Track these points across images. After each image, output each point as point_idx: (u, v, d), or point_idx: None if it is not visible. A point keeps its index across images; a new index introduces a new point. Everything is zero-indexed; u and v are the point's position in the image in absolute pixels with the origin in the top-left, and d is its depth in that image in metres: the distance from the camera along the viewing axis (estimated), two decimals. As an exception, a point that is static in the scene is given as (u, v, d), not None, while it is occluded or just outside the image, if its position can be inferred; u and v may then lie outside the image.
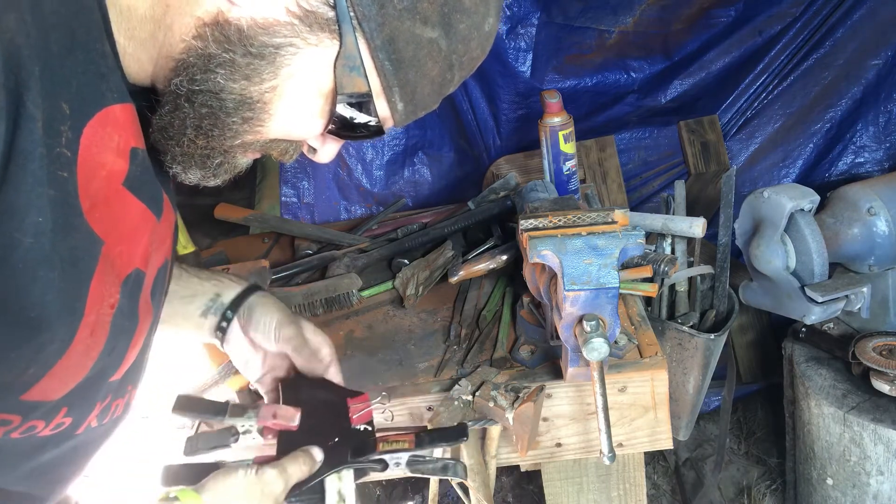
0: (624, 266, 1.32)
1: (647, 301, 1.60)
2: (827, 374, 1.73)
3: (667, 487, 2.23)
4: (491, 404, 1.08)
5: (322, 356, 1.01)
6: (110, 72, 0.66)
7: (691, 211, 1.62)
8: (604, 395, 1.00)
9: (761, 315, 2.22)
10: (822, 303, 1.54)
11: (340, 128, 0.74)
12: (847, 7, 2.12)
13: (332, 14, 0.65)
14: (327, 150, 0.81)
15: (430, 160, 2.12)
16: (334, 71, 0.68)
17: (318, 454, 0.88)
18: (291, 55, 0.67)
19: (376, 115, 0.73)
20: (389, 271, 1.58)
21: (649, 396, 1.14)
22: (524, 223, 1.07)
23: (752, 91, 2.23)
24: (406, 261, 1.55)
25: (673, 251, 1.55)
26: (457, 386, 1.14)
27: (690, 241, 1.59)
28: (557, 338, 1.06)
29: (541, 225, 1.06)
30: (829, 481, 1.73)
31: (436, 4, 0.66)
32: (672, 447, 1.26)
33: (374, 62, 0.68)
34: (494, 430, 1.14)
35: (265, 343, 1.00)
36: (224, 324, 0.99)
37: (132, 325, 0.75)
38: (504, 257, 1.40)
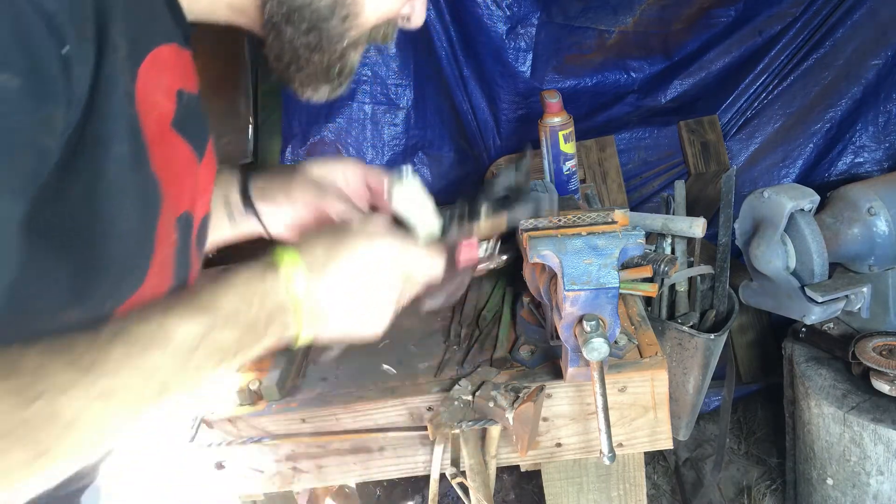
0: (624, 266, 1.32)
1: (647, 301, 1.60)
2: (827, 374, 1.73)
3: (667, 487, 2.23)
4: (491, 404, 1.08)
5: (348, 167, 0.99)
6: (161, 13, 0.67)
7: (691, 211, 1.62)
8: (604, 395, 1.00)
9: (761, 315, 2.22)
10: (822, 303, 1.54)
11: None
12: (847, 7, 2.12)
13: None
14: (419, 11, 0.83)
15: (430, 160, 2.13)
16: None
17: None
18: None
19: None
20: (389, 271, 1.58)
21: (649, 396, 1.14)
22: (524, 223, 1.07)
23: (752, 91, 2.23)
24: (406, 261, 1.54)
25: (673, 251, 1.55)
26: (457, 386, 1.14)
27: (690, 241, 1.59)
28: (557, 338, 1.06)
29: (541, 225, 1.06)
30: (829, 481, 1.74)
31: None
32: (672, 447, 1.25)
33: None
34: (494, 430, 1.14)
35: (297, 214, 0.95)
36: (253, 219, 0.95)
37: (187, 270, 0.75)
38: (504, 257, 1.40)
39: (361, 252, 0.71)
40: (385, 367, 1.00)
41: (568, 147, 1.57)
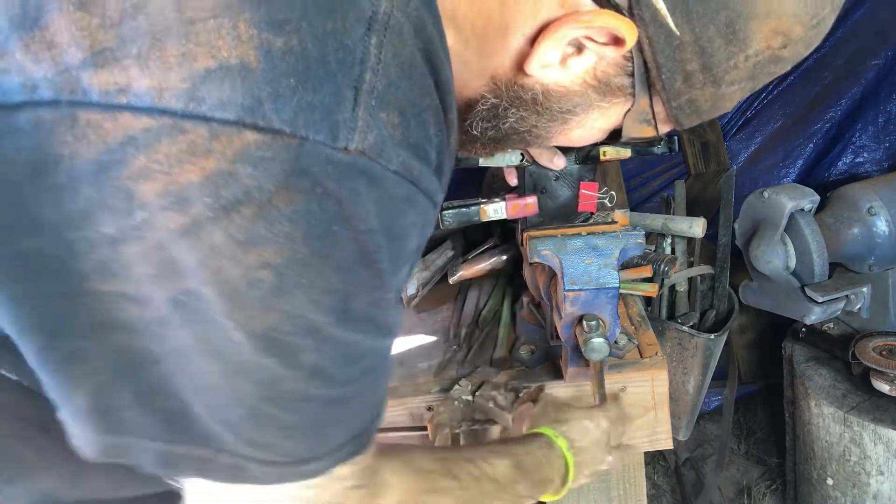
0: (624, 266, 1.32)
1: (647, 301, 1.60)
2: (827, 374, 1.73)
3: (667, 487, 2.23)
4: (491, 404, 1.08)
5: None
6: None
7: (691, 211, 1.62)
8: (602, 396, 1.00)
9: (761, 315, 2.22)
10: (822, 303, 1.54)
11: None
12: (847, 7, 2.11)
13: (628, 81, 0.62)
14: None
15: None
16: (623, 119, 0.67)
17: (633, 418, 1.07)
18: (582, 112, 0.66)
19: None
20: (389, 271, 1.58)
21: (649, 396, 1.14)
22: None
23: (752, 91, 2.23)
24: (406, 261, 1.54)
25: (673, 251, 1.55)
26: (457, 386, 1.14)
27: (690, 241, 1.59)
28: (557, 338, 1.06)
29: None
30: (829, 481, 1.73)
31: (749, 65, 0.61)
32: (672, 447, 1.25)
33: (668, 115, 0.65)
34: (494, 430, 1.14)
35: None
36: None
37: None
38: (504, 257, 1.40)
39: (596, 435, 0.94)
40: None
41: (568, 147, 1.57)
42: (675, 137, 1.05)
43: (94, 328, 0.49)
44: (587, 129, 0.69)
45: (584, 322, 0.95)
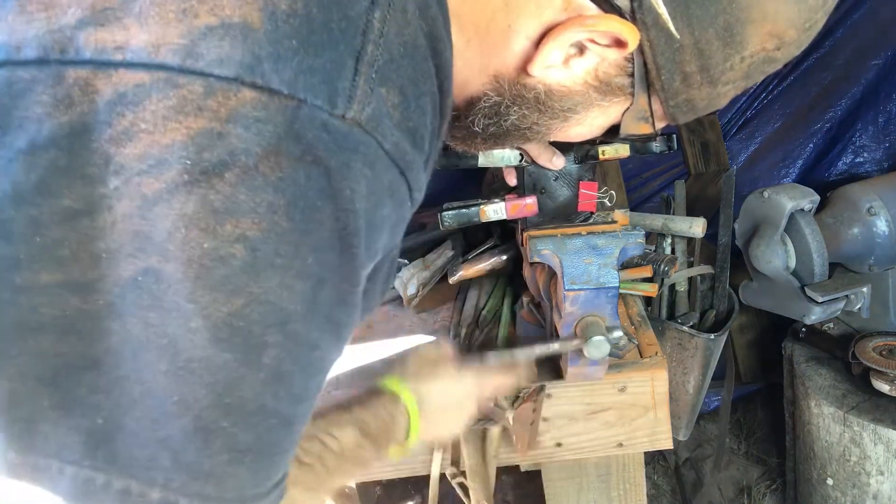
0: (624, 266, 1.32)
1: (647, 301, 1.60)
2: (827, 374, 1.73)
3: (667, 487, 2.23)
4: (491, 404, 1.08)
5: None
6: None
7: (691, 211, 1.62)
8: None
9: (761, 315, 2.22)
10: (822, 303, 1.54)
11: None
12: (847, 7, 2.12)
13: (628, 81, 0.63)
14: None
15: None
16: (622, 116, 0.68)
17: (523, 366, 1.00)
18: (582, 110, 0.67)
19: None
20: (389, 271, 1.58)
21: (649, 396, 1.14)
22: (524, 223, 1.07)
23: (751, 91, 2.23)
24: (406, 261, 1.55)
25: (673, 251, 1.55)
26: (457, 386, 1.14)
27: (690, 241, 1.59)
28: (557, 337, 1.06)
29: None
30: (829, 481, 1.73)
31: (744, 65, 0.62)
32: (672, 447, 1.25)
33: (665, 113, 0.66)
34: (494, 430, 1.14)
35: None
36: None
37: None
38: (504, 257, 1.40)
39: (452, 388, 0.90)
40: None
41: (568, 147, 1.57)
42: (674, 136, 1.05)
43: (16, 329, 0.44)
44: (586, 126, 0.70)
45: (609, 332, 0.95)
